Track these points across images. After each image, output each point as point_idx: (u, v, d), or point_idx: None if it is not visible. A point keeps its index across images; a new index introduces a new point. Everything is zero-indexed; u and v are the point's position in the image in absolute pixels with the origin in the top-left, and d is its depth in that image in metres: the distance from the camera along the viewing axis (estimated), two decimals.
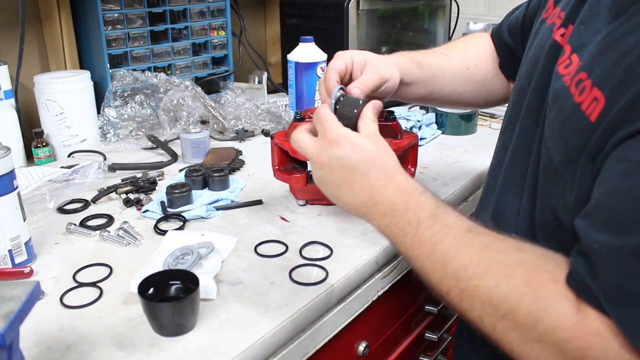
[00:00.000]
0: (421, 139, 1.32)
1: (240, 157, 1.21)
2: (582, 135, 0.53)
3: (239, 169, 1.16)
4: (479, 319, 0.55)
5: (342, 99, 0.71)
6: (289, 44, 1.56)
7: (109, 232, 0.88)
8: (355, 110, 0.69)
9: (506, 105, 0.82)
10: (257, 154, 1.24)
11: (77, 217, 0.94)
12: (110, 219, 0.93)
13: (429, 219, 0.59)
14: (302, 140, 0.68)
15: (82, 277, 0.77)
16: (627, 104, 0.47)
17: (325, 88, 0.76)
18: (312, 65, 1.39)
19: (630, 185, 0.46)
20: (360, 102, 0.70)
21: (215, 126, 1.37)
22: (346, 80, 0.80)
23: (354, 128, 0.68)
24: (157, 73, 1.33)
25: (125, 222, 0.90)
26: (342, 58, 0.79)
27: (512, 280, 0.52)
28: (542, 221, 0.63)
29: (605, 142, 0.49)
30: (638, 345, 0.45)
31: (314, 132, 0.68)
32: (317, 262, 0.80)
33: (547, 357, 0.50)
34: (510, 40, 0.93)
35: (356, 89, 0.74)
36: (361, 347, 0.89)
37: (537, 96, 0.67)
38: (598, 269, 0.47)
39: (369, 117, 0.68)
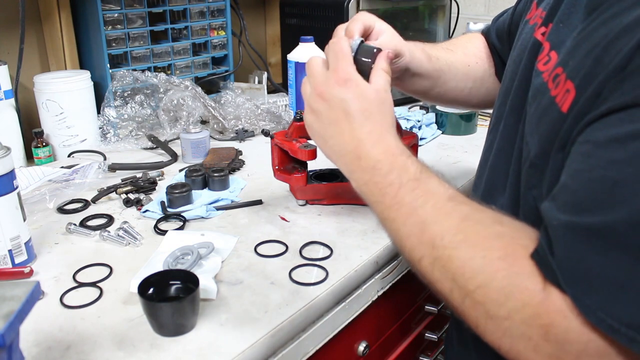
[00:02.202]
0: (421, 139, 1.32)
1: (240, 157, 1.21)
2: (554, 126, 0.53)
3: (239, 169, 1.16)
4: (449, 291, 0.54)
5: (360, 46, 0.70)
6: (289, 44, 1.56)
7: (109, 232, 0.88)
8: (370, 59, 0.68)
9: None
10: (257, 154, 1.24)
11: (77, 217, 0.94)
12: (110, 219, 0.93)
13: (412, 182, 0.58)
14: (314, 66, 0.67)
15: (82, 277, 0.77)
16: (594, 92, 0.48)
17: (345, 30, 0.74)
18: None
19: (590, 166, 0.46)
20: (375, 50, 0.69)
21: (215, 126, 1.37)
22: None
23: (368, 76, 0.68)
24: (157, 73, 1.33)
25: (125, 222, 0.90)
26: (368, 19, 0.78)
27: (488, 253, 0.51)
28: (524, 214, 0.62)
29: (573, 129, 0.50)
30: (593, 321, 0.44)
31: (327, 65, 0.68)
32: (317, 262, 0.80)
33: (513, 335, 0.49)
34: (498, 44, 0.94)
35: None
36: (361, 347, 0.89)
37: (520, 94, 0.68)
38: (555, 245, 0.47)
39: (382, 67, 0.68)
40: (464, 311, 0.53)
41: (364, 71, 0.68)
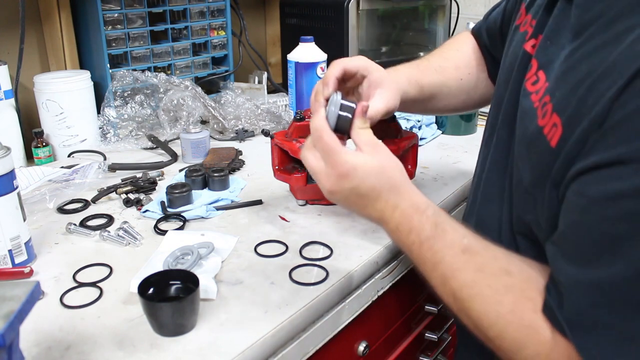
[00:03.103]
0: (421, 139, 1.32)
1: (240, 157, 1.21)
2: (544, 159, 0.55)
3: (239, 169, 1.16)
4: (475, 332, 0.60)
5: (341, 104, 0.70)
6: (289, 44, 1.56)
7: (109, 232, 0.88)
8: (350, 114, 0.69)
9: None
10: (257, 154, 1.24)
11: (77, 217, 0.94)
12: (110, 219, 0.93)
13: (429, 241, 0.63)
14: (312, 165, 0.69)
15: (82, 277, 0.77)
16: (579, 138, 0.50)
17: (322, 93, 0.75)
18: (312, 65, 1.39)
19: (588, 221, 0.49)
20: (354, 104, 0.70)
21: (215, 126, 1.37)
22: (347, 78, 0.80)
23: (349, 131, 0.70)
24: (157, 73, 1.33)
25: (125, 222, 0.90)
26: (352, 66, 0.79)
27: (500, 307, 0.56)
28: (521, 232, 0.66)
29: (566, 170, 0.52)
30: None
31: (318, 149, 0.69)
32: (317, 262, 0.80)
33: None
34: (490, 44, 0.93)
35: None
36: (361, 347, 0.89)
37: (510, 109, 0.69)
38: (564, 300, 0.51)
39: (359, 125, 0.70)
40: (491, 348, 0.58)
41: (344, 127, 0.69)
